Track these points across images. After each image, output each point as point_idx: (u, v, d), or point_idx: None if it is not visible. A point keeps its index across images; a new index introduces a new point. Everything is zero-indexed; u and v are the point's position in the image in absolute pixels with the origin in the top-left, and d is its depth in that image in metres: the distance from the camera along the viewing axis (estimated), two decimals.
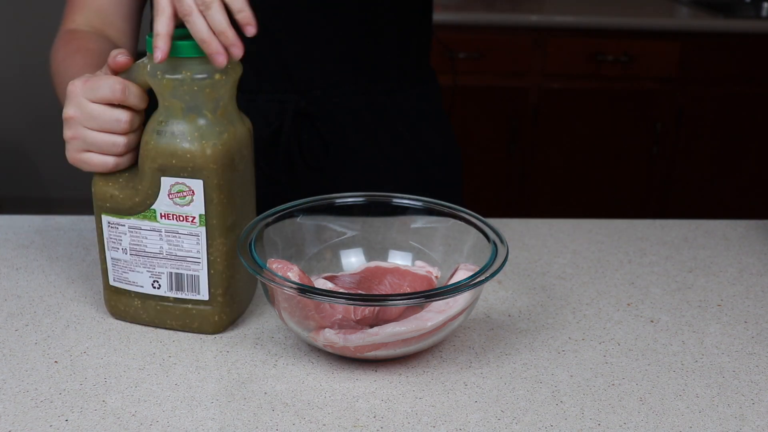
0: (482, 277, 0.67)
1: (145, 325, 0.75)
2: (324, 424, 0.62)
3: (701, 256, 0.93)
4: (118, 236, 0.72)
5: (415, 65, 1.04)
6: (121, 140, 0.70)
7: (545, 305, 0.81)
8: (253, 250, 0.70)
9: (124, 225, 0.71)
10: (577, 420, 0.63)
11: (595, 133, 2.48)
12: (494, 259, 0.70)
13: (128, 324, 0.76)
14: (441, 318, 0.67)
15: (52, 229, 0.96)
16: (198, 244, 0.70)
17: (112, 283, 0.75)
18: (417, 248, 0.82)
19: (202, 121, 0.68)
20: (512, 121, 2.45)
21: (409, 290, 0.76)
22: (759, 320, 0.79)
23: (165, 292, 0.73)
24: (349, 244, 0.82)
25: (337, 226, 0.82)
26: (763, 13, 2.76)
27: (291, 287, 0.65)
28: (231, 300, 0.73)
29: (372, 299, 0.69)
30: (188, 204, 0.69)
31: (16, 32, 2.90)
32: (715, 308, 0.82)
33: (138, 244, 0.72)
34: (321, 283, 0.73)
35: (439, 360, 0.71)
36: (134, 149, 0.72)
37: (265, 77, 0.97)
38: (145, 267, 0.72)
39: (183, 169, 0.68)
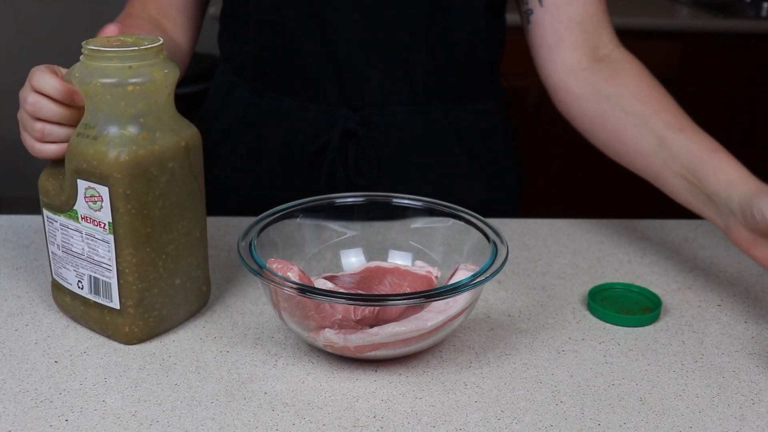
0: (482, 277, 0.67)
1: (75, 322, 0.75)
2: (324, 424, 0.62)
3: (701, 256, 0.93)
4: (53, 231, 0.73)
5: (478, 83, 1.00)
6: (39, 126, 0.72)
7: (545, 305, 0.81)
8: (253, 250, 0.70)
9: (57, 221, 0.72)
10: (577, 420, 0.63)
11: None
12: (494, 259, 0.70)
13: None
14: (441, 318, 0.67)
15: None
16: (109, 251, 0.69)
17: (53, 276, 0.75)
18: (417, 248, 0.82)
19: (114, 128, 0.67)
20: (512, 121, 2.45)
21: (409, 290, 0.76)
22: (759, 320, 0.79)
23: (87, 294, 0.72)
24: (349, 244, 0.82)
25: (337, 226, 0.82)
26: (763, 13, 2.76)
27: (291, 287, 0.65)
28: (144, 313, 0.71)
29: (372, 299, 0.69)
30: (99, 210, 0.68)
31: (16, 32, 2.90)
32: (715, 308, 0.82)
33: (67, 242, 0.72)
34: (321, 283, 0.73)
35: (439, 360, 0.71)
36: (55, 141, 0.73)
37: (321, 89, 0.95)
38: (72, 266, 0.72)
39: (92, 174, 0.67)
